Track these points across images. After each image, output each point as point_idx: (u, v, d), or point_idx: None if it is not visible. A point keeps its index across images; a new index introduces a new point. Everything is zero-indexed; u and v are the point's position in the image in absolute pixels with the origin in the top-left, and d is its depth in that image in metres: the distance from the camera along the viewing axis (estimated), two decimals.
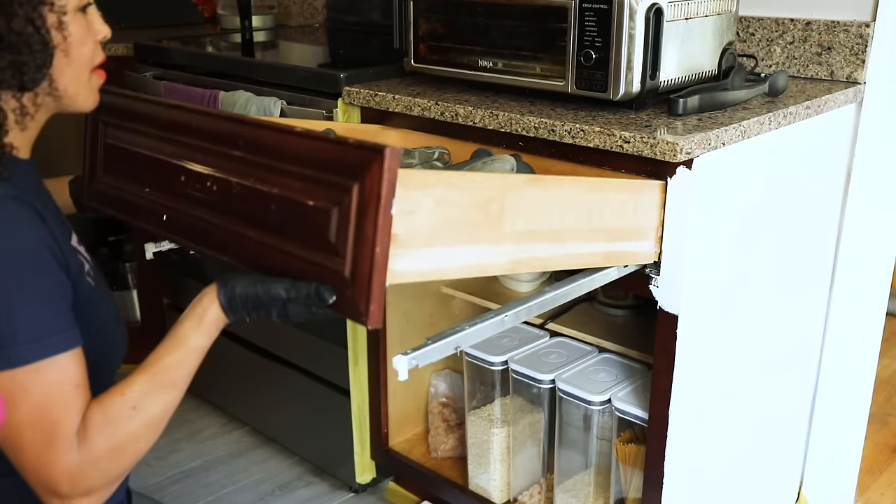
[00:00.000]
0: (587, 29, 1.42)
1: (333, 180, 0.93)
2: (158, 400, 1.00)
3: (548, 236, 1.16)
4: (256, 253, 1.02)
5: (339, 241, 0.92)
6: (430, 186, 0.99)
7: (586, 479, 1.65)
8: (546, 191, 1.14)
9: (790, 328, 1.71)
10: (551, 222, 1.16)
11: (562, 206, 1.17)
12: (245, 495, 2.06)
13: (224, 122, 1.08)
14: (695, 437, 1.49)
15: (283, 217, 0.98)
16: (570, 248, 1.20)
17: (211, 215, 1.08)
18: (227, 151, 1.06)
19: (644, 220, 1.31)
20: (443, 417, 1.94)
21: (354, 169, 0.90)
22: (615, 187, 1.25)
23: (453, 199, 1.02)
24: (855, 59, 1.66)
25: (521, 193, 1.10)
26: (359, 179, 0.90)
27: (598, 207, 1.22)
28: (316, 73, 1.84)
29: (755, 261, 1.52)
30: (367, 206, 0.89)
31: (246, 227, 1.03)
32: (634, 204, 1.28)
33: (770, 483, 1.83)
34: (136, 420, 0.98)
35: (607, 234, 1.25)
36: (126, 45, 2.31)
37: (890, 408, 2.47)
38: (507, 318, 1.18)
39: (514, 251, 1.12)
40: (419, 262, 1.01)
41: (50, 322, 0.95)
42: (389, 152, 0.88)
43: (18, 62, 0.97)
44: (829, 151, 1.65)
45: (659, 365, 1.40)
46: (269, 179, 1.00)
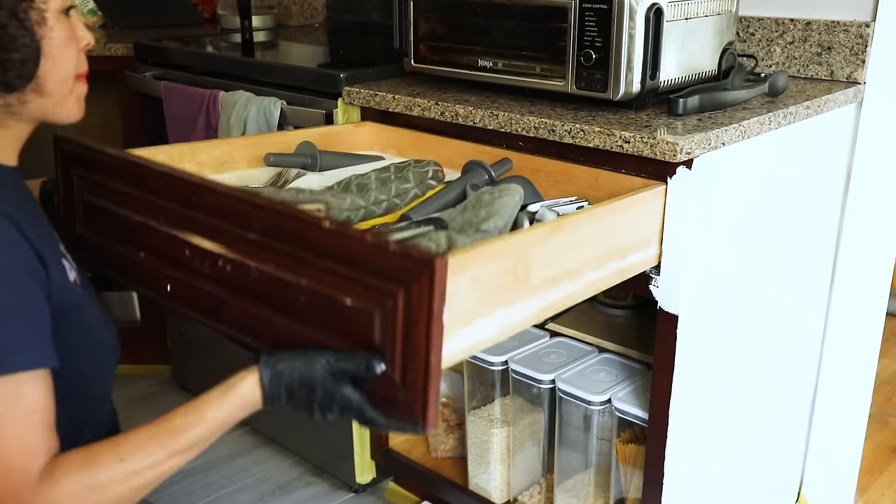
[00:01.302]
0: (587, 29, 1.42)
1: (373, 283, 0.86)
2: (151, 460, 0.92)
3: (567, 275, 1.13)
4: (287, 339, 0.94)
5: (386, 345, 0.86)
6: (466, 269, 0.94)
7: (586, 479, 1.65)
8: (566, 235, 1.12)
9: (790, 328, 1.71)
10: (570, 262, 1.13)
11: (579, 243, 1.15)
12: (245, 495, 2.05)
13: (233, 201, 0.97)
14: (695, 437, 1.49)
15: (316, 310, 0.91)
16: (588, 277, 1.18)
17: (226, 293, 0.99)
18: (239, 233, 0.96)
19: (650, 227, 1.30)
20: (443, 417, 1.94)
21: (398, 275, 0.84)
22: (628, 206, 1.23)
23: (486, 273, 0.98)
24: (855, 59, 1.66)
25: (543, 246, 1.08)
26: (404, 286, 0.84)
27: (610, 231, 1.20)
28: (316, 73, 1.84)
29: (755, 261, 1.52)
30: (417, 315, 0.83)
31: (270, 312, 0.95)
32: (643, 216, 1.28)
33: (770, 483, 1.83)
34: (118, 473, 0.90)
35: (619, 252, 1.24)
36: (126, 45, 2.31)
37: (890, 408, 2.47)
38: None
39: (541, 300, 1.09)
40: (461, 342, 0.96)
41: (14, 337, 0.89)
42: (440, 265, 0.82)
43: (3, 59, 0.95)
44: (829, 151, 1.65)
45: (659, 365, 1.40)
46: (295, 269, 0.91)
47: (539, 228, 1.09)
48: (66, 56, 1.02)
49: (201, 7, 2.92)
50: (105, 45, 2.33)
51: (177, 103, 2.06)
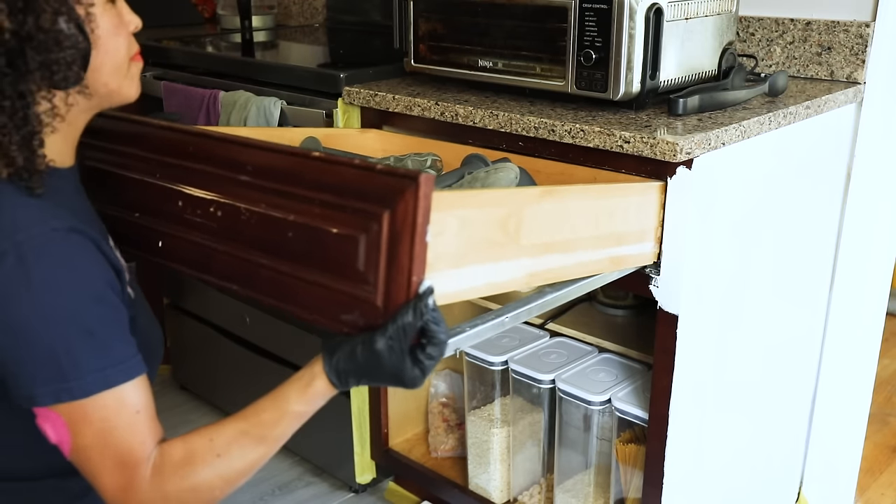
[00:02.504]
0: (587, 29, 1.42)
1: (359, 207, 0.89)
2: (246, 453, 0.96)
3: (560, 247, 1.15)
4: (271, 280, 0.98)
5: (369, 270, 0.89)
6: (455, 207, 0.96)
7: (586, 479, 1.65)
8: (559, 203, 1.13)
9: (790, 328, 1.71)
10: (563, 233, 1.14)
11: (573, 215, 1.16)
12: (245, 495, 2.05)
13: (228, 145, 1.03)
14: (695, 437, 1.49)
15: (302, 244, 0.94)
16: (581, 256, 1.19)
17: (215, 242, 1.03)
18: (232, 176, 1.01)
19: (646, 221, 1.31)
20: (443, 417, 1.94)
21: (384, 196, 0.87)
22: (620, 192, 1.25)
23: (476, 218, 0.99)
24: (855, 59, 1.66)
25: (537, 207, 1.09)
26: (390, 207, 0.86)
27: (606, 214, 1.21)
28: (316, 73, 1.84)
29: (755, 261, 1.52)
30: (401, 234, 0.86)
31: (258, 255, 0.99)
32: (637, 207, 1.28)
33: (770, 483, 1.83)
34: (218, 468, 0.95)
35: (614, 239, 1.25)
36: None
37: (890, 408, 2.47)
38: (508, 319, 1.17)
39: (531, 265, 1.10)
40: (447, 284, 0.97)
41: (112, 353, 0.93)
42: (424, 179, 0.84)
43: (49, 61, 0.92)
44: (829, 151, 1.65)
45: (659, 365, 1.40)
46: (284, 205, 0.95)
47: (531, 189, 1.10)
48: (118, 44, 1.00)
49: (201, 7, 2.92)
50: None
51: (177, 103, 2.06)
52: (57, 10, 0.92)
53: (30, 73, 0.92)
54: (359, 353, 0.91)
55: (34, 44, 0.91)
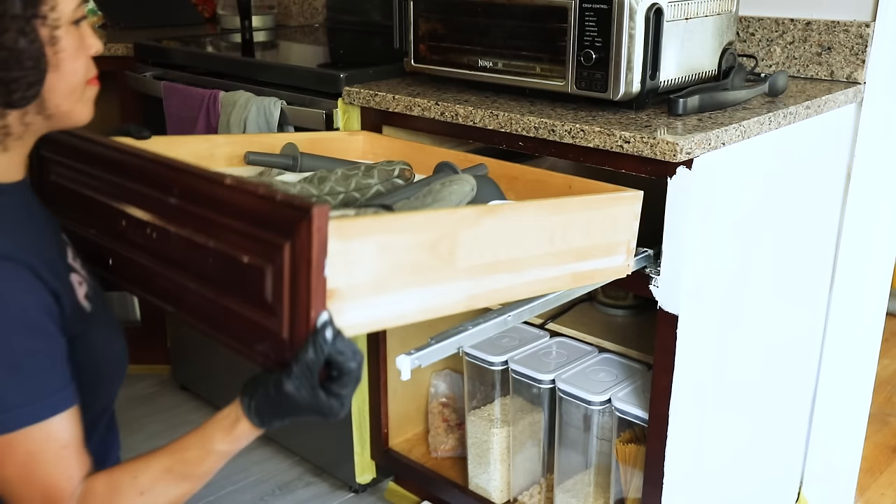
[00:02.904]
0: (587, 29, 1.42)
1: (265, 237, 0.88)
2: (169, 490, 0.97)
3: (506, 266, 1.09)
4: (198, 305, 0.98)
5: (276, 302, 0.88)
6: (371, 234, 0.93)
7: (586, 479, 1.65)
8: (502, 221, 1.08)
9: (790, 328, 1.71)
10: (510, 251, 1.09)
11: (521, 233, 1.10)
12: (245, 495, 2.05)
13: (158, 166, 1.02)
14: (695, 437, 1.49)
15: (221, 271, 0.94)
16: (533, 274, 1.13)
17: (153, 263, 1.03)
18: (163, 198, 1.01)
19: (615, 234, 1.24)
20: (443, 417, 1.94)
21: (284, 227, 0.85)
22: (580, 206, 1.18)
23: (398, 243, 0.96)
24: (855, 59, 1.66)
25: (474, 228, 1.04)
26: (290, 238, 0.85)
27: (561, 230, 1.15)
28: (316, 73, 1.84)
29: (755, 261, 1.52)
30: (299, 266, 0.85)
31: (187, 278, 0.99)
32: (603, 220, 1.21)
33: (770, 483, 1.83)
34: None
35: (573, 254, 1.18)
36: (126, 45, 2.31)
37: (890, 408, 2.47)
38: (510, 318, 1.18)
39: (471, 287, 1.05)
40: (366, 313, 0.95)
41: (40, 387, 0.93)
42: (317, 212, 0.82)
43: (8, 79, 0.92)
44: (829, 151, 1.65)
45: (659, 365, 1.40)
46: (206, 230, 0.95)
47: (468, 209, 1.06)
48: (76, 68, 0.99)
49: (201, 7, 2.92)
50: (105, 45, 2.33)
51: (177, 103, 2.06)
52: (21, 29, 0.91)
53: None
54: (272, 395, 0.91)
55: None
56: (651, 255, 1.37)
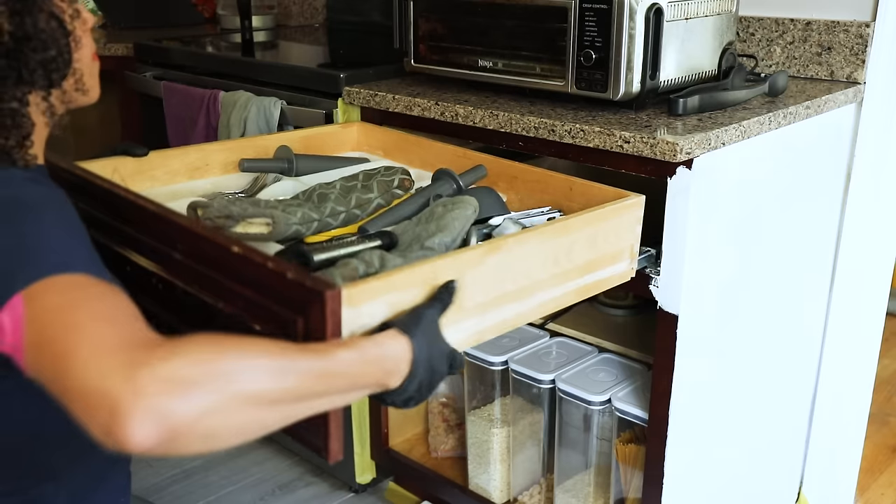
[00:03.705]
0: (587, 29, 1.42)
1: (276, 309, 0.85)
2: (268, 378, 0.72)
3: (513, 297, 1.08)
4: None
5: None
6: (380, 295, 0.91)
7: (586, 479, 1.65)
8: (507, 255, 1.05)
9: (790, 328, 1.71)
10: (516, 282, 1.07)
11: (527, 262, 1.08)
12: (245, 495, 2.05)
13: (160, 220, 0.98)
14: (695, 436, 1.49)
15: (231, 331, 0.89)
16: (540, 297, 1.12)
17: (160, 309, 0.99)
18: (167, 252, 0.97)
19: (618, 243, 1.22)
20: (443, 417, 1.94)
21: (296, 303, 0.83)
22: (583, 224, 1.15)
23: (406, 298, 0.94)
24: (855, 59, 1.66)
25: (479, 268, 1.02)
26: (303, 314, 0.83)
27: (565, 250, 1.13)
28: (316, 73, 1.84)
29: (755, 261, 1.52)
30: (314, 339, 0.83)
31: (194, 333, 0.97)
32: (607, 231, 1.19)
33: (770, 483, 1.83)
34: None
35: (579, 271, 1.16)
36: (126, 45, 2.31)
37: (890, 408, 2.47)
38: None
39: (479, 323, 1.04)
40: None
41: (97, 261, 0.83)
42: (330, 296, 0.80)
43: (47, 59, 0.93)
44: (829, 151, 1.65)
45: (659, 365, 1.40)
46: (214, 291, 0.91)
47: (471, 251, 1.03)
48: (88, 41, 1.00)
49: (201, 7, 2.92)
50: (105, 45, 2.33)
51: (177, 103, 2.06)
52: (50, 11, 0.93)
53: (30, 74, 0.92)
54: (411, 312, 0.91)
55: (32, 44, 0.92)
56: (652, 255, 1.37)
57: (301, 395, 0.74)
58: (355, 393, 0.83)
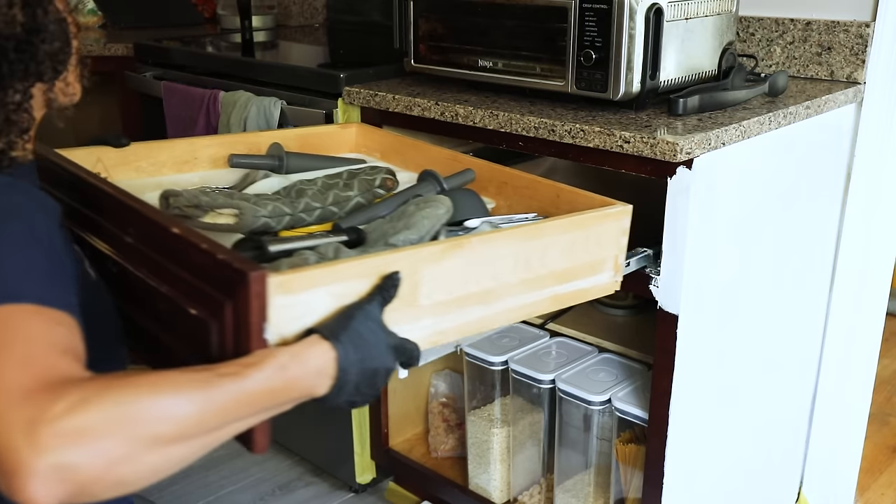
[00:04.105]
0: (587, 29, 1.42)
1: (209, 292, 0.84)
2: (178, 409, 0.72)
3: (478, 299, 1.04)
4: (154, 346, 0.95)
5: (221, 358, 0.83)
6: (324, 284, 0.89)
7: (586, 479, 1.65)
8: (469, 255, 1.02)
9: (790, 328, 1.71)
10: (481, 283, 1.04)
11: (493, 263, 1.04)
12: (245, 495, 2.05)
13: (116, 201, 0.97)
14: (695, 436, 1.49)
15: (173, 318, 0.90)
16: (508, 303, 1.07)
17: (116, 295, 0.98)
18: (121, 235, 0.96)
19: (600, 252, 1.17)
20: (443, 417, 1.94)
21: (226, 285, 0.81)
22: (558, 229, 1.11)
23: (354, 289, 0.91)
24: (855, 59, 1.66)
25: (438, 265, 0.99)
26: (233, 298, 0.81)
27: (538, 254, 1.09)
28: (316, 73, 1.84)
29: (755, 261, 1.52)
30: (241, 327, 0.81)
31: (142, 317, 0.95)
32: (586, 239, 1.14)
33: (770, 483, 1.83)
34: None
35: (553, 278, 1.12)
36: (126, 45, 2.31)
37: (890, 408, 2.47)
38: None
39: (437, 322, 1.01)
40: None
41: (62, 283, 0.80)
42: (255, 277, 0.78)
43: (54, 51, 0.93)
44: (829, 151, 1.65)
45: (659, 365, 1.40)
46: (159, 275, 0.91)
47: (428, 247, 1.00)
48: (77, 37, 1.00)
49: (201, 7, 2.92)
50: (105, 45, 2.33)
51: (177, 103, 2.06)
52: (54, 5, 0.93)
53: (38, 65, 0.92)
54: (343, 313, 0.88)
55: (42, 36, 0.92)
56: (651, 255, 1.37)
57: (219, 423, 0.75)
58: (280, 408, 0.82)
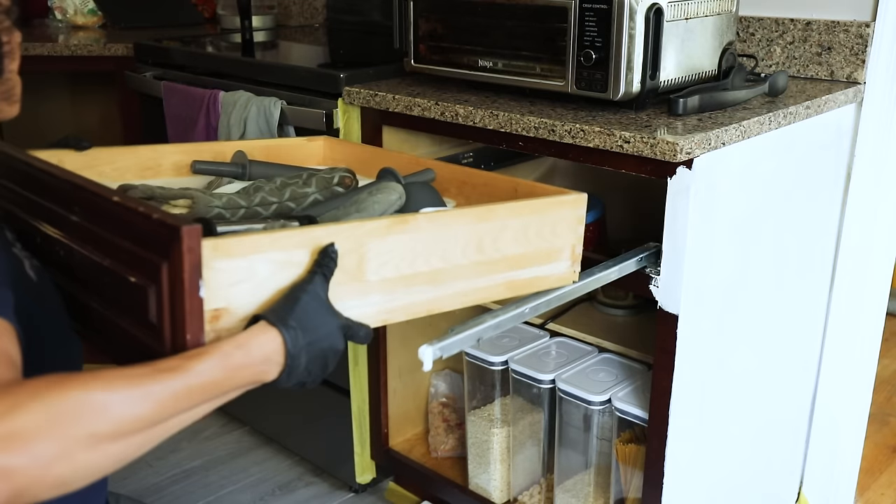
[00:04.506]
0: (587, 29, 1.42)
1: (146, 256, 0.85)
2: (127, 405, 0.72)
3: (427, 278, 1.05)
4: (101, 325, 0.95)
5: (159, 323, 0.84)
6: (263, 251, 0.89)
7: (586, 479, 1.65)
8: (416, 233, 1.02)
9: (790, 328, 1.71)
10: (430, 263, 1.04)
11: (443, 243, 1.05)
12: (245, 495, 2.06)
13: (60, 182, 0.98)
14: (695, 436, 1.49)
15: (116, 291, 0.91)
16: (459, 286, 1.09)
17: (65, 282, 0.99)
18: (66, 216, 0.97)
19: (555, 240, 1.18)
20: (443, 417, 1.94)
21: (161, 247, 0.82)
22: (511, 213, 1.12)
23: (296, 259, 0.92)
24: (855, 59, 1.66)
25: (383, 240, 1.00)
26: (168, 257, 0.82)
27: (491, 237, 1.10)
28: (316, 73, 1.84)
29: (755, 261, 1.52)
30: (176, 288, 0.82)
31: (90, 297, 0.96)
32: (541, 225, 1.15)
33: (770, 483, 1.83)
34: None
35: (507, 263, 1.13)
36: (126, 45, 2.31)
37: (890, 408, 2.47)
38: (528, 310, 1.18)
39: (386, 300, 1.02)
40: None
41: None
42: (187, 231, 0.79)
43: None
44: (829, 151, 1.65)
45: (659, 365, 1.40)
46: (103, 249, 0.92)
47: (373, 221, 1.01)
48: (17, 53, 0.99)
49: (201, 7, 2.92)
50: (105, 45, 2.33)
51: (177, 103, 2.06)
52: None
53: None
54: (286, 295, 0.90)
55: None
56: (653, 253, 1.37)
57: (161, 417, 0.74)
58: (227, 396, 0.83)
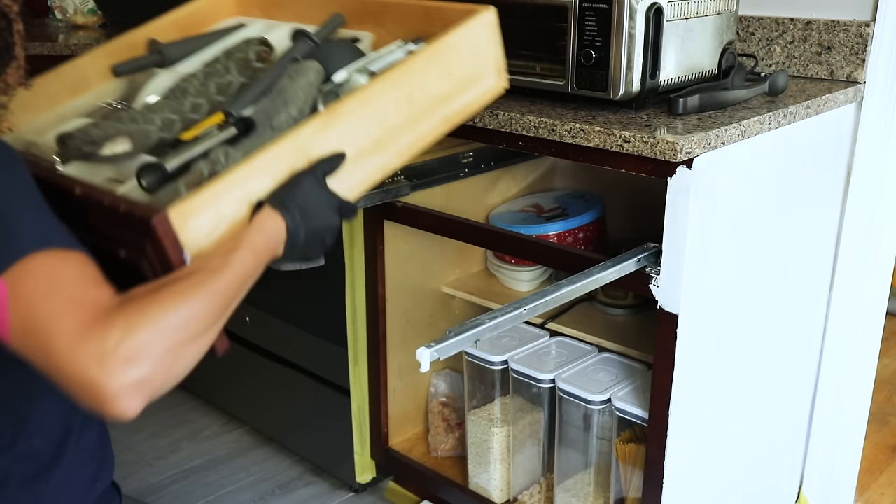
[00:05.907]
0: (587, 28, 1.42)
1: (130, 237, 0.93)
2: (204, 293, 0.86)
3: (371, 150, 1.10)
4: None
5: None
6: (221, 197, 0.97)
7: (586, 479, 1.65)
8: (349, 116, 1.08)
9: (790, 328, 1.71)
10: (370, 134, 1.10)
11: (374, 114, 1.10)
12: (245, 495, 2.06)
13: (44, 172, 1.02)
14: (695, 436, 1.49)
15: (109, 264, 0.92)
16: (401, 142, 1.14)
17: None
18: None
19: (477, 62, 1.21)
20: (443, 417, 1.94)
21: (138, 229, 0.90)
22: (431, 59, 1.14)
23: (255, 187, 1.00)
24: (855, 59, 1.66)
25: (321, 138, 1.05)
26: (149, 237, 0.90)
27: (418, 88, 1.14)
28: None
29: (755, 260, 1.52)
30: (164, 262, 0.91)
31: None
32: (459, 58, 1.18)
33: (770, 483, 1.83)
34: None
35: (438, 101, 1.17)
36: None
37: (890, 408, 2.47)
38: (525, 311, 1.19)
39: (343, 184, 1.08)
40: None
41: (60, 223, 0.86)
42: (158, 221, 0.88)
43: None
44: (829, 151, 1.65)
45: (659, 365, 1.40)
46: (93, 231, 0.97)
47: (309, 126, 1.05)
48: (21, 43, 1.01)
49: None
50: None
51: None
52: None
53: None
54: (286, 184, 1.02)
55: None
56: (652, 253, 1.37)
57: (225, 308, 0.90)
58: (257, 276, 0.96)
